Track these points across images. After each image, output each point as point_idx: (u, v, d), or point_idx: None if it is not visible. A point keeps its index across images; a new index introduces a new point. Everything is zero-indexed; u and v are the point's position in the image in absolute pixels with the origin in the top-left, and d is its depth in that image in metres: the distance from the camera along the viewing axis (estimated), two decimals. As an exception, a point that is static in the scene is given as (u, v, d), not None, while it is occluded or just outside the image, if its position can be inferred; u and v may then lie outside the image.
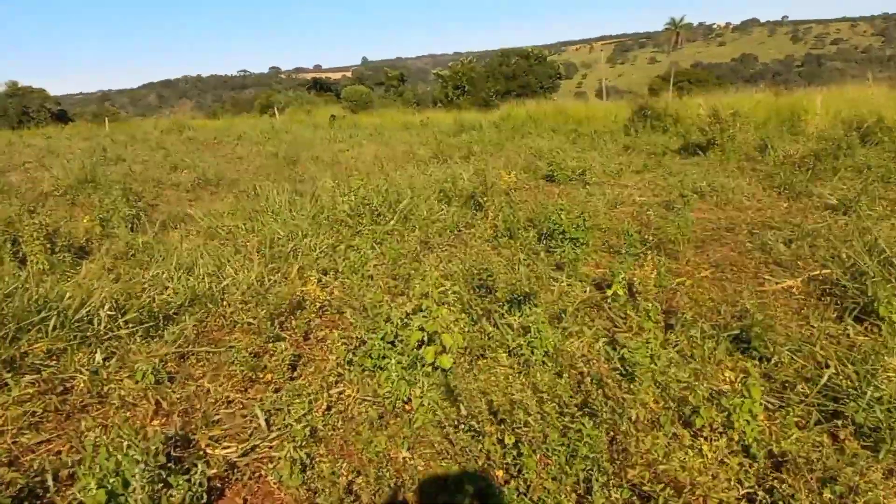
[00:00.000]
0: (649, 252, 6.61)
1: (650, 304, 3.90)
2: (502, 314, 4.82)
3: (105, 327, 4.71)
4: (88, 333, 4.59)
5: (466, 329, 4.39)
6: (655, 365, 3.59)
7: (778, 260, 6.60)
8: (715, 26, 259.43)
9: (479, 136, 21.33)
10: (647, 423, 3.21)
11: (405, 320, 4.19)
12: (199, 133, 27.73)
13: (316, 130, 28.50)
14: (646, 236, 7.21)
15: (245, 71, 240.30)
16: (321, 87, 66.38)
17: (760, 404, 3.21)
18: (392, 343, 4.11)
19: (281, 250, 6.98)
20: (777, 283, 5.80)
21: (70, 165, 15.03)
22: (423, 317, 4.06)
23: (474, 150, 17.04)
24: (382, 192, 8.57)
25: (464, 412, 3.28)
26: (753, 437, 3.11)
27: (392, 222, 7.96)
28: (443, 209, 8.83)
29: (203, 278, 5.85)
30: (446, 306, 4.13)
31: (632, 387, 3.38)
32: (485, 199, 8.57)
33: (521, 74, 58.47)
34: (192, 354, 4.65)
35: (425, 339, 3.96)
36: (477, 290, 5.29)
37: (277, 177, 13.60)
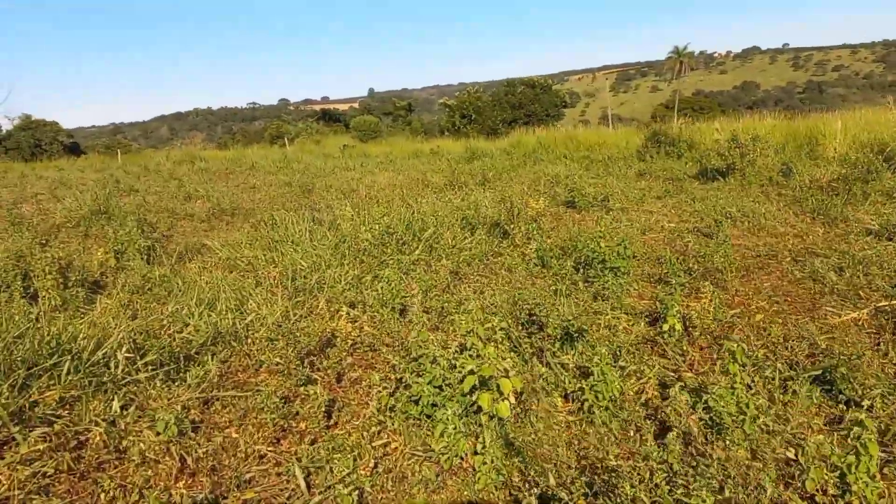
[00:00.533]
0: (696, 281, 6.22)
1: (735, 345, 3.49)
2: (554, 352, 4.42)
3: (123, 371, 4.32)
4: (105, 378, 4.18)
5: (519, 371, 3.98)
6: (745, 415, 3.17)
7: (834, 289, 6.18)
8: (716, 55, 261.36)
9: (491, 162, 21.11)
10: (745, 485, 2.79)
11: (452, 361, 3.79)
12: (211, 163, 27.57)
13: (327, 160, 28.34)
14: (690, 265, 6.81)
15: (255, 103, 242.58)
16: (330, 117, 66.77)
17: (877, 462, 2.79)
18: (440, 387, 3.70)
19: (305, 282, 6.61)
20: (842, 316, 5.39)
21: (83, 197, 14.77)
22: (471, 356, 3.66)
23: (488, 176, 16.73)
24: (406, 221, 8.22)
25: (552, 481, 2.85)
26: (875, 501, 2.67)
27: (417, 251, 7.60)
28: (467, 237, 8.47)
29: (225, 314, 5.47)
30: (493, 344, 3.74)
31: (726, 442, 2.97)
32: (512, 226, 8.21)
33: (527, 103, 58.90)
34: (217, 399, 4.25)
35: (477, 383, 3.56)
36: (525, 325, 4.87)
37: (293, 206, 13.31)
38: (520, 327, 4.80)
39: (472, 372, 3.53)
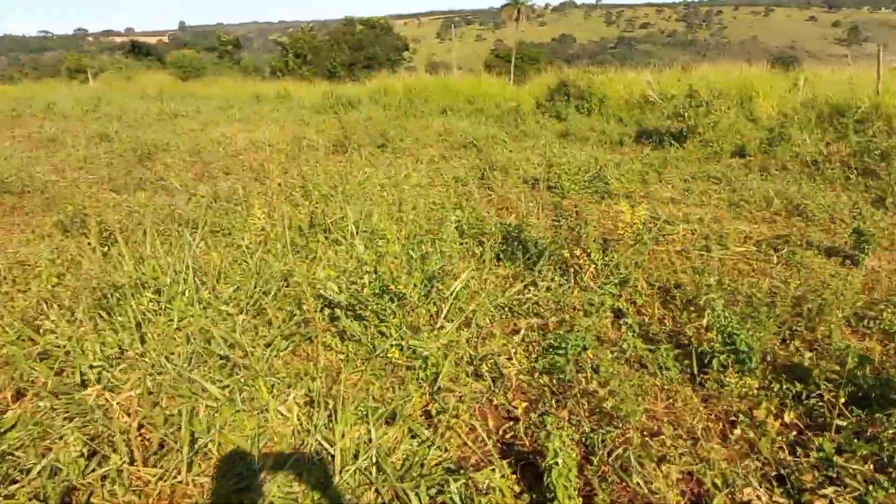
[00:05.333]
0: None
1: None
2: None
3: None
4: None
5: None
6: None
7: None
8: (536, 7, 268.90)
9: (367, 114, 16.98)
10: None
11: None
12: (-9, 103, 20.21)
13: (145, 101, 22.23)
14: None
15: (46, 32, 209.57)
16: (140, 50, 56.75)
17: None
18: None
19: (236, 462, 2.47)
20: None
21: None
22: None
23: (389, 135, 12.55)
24: (406, 248, 4.22)
25: None
26: None
27: (448, 332, 3.68)
28: (492, 277, 4.71)
29: None
30: None
31: None
32: (577, 257, 4.55)
33: (367, 45, 54.64)
34: None
35: None
36: None
37: (125, 181, 8.43)
38: None
39: None
